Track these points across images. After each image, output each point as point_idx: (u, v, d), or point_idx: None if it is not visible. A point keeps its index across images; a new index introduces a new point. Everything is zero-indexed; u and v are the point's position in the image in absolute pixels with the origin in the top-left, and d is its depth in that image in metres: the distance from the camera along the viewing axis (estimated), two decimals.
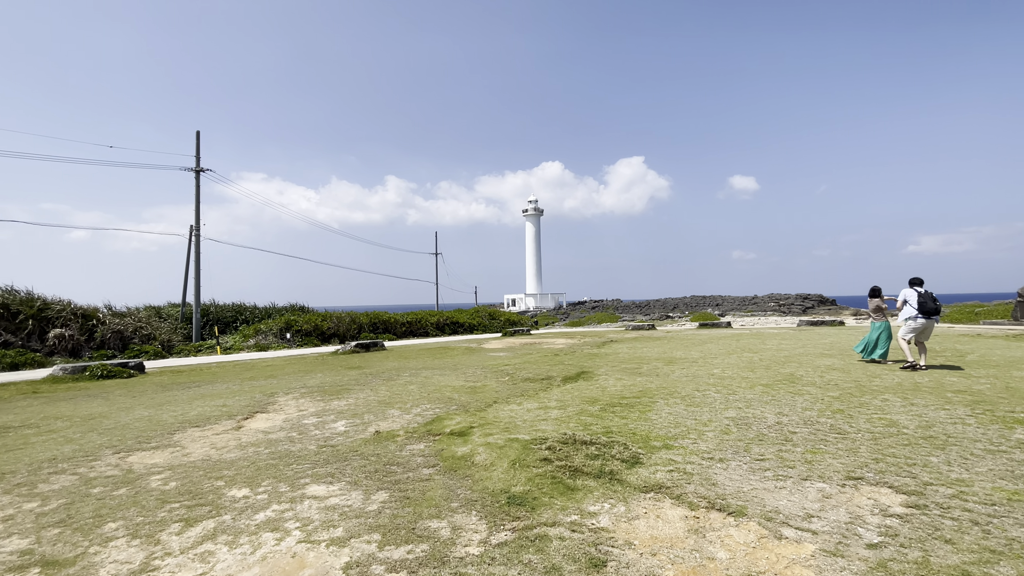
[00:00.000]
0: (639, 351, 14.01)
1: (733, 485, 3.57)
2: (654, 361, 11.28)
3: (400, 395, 8.17)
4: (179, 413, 7.31)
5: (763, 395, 6.83)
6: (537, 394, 7.66)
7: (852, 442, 4.54)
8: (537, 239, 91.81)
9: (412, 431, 5.61)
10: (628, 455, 4.15)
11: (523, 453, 4.32)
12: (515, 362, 12.42)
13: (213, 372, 13.11)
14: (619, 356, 12.66)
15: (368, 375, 10.84)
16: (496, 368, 11.26)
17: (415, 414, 6.67)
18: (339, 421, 6.45)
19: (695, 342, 16.61)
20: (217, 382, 10.87)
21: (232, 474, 4.44)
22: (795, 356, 11.37)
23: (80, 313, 18.18)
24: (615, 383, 8.24)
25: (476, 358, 14.01)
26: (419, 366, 12.36)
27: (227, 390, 9.49)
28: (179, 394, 9.20)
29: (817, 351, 12.34)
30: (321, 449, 5.11)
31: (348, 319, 25.88)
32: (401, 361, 13.80)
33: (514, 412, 6.27)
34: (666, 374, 9.14)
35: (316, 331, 24.12)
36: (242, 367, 14.09)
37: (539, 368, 10.95)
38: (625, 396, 6.95)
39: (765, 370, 9.21)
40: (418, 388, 8.82)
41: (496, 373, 10.42)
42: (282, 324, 23.40)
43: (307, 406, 7.59)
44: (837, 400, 6.38)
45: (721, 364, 10.38)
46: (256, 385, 10.05)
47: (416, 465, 4.43)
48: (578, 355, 13.62)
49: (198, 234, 23.55)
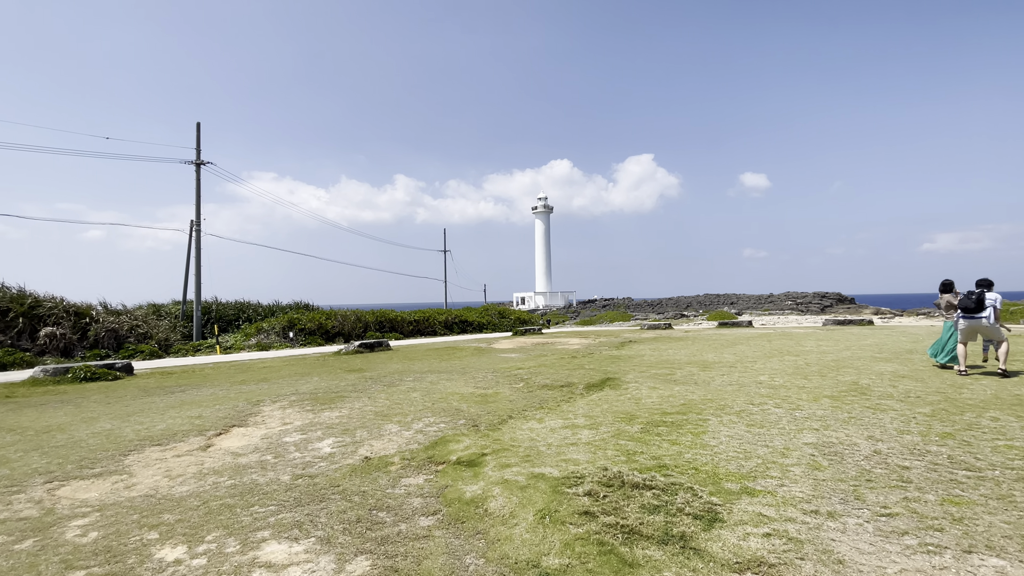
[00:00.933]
0: (665, 353, 12.84)
1: (869, 563, 2.45)
2: (686, 366, 10.12)
3: (401, 405, 7.12)
4: (145, 426, 6.32)
5: (835, 411, 5.66)
6: (559, 406, 6.56)
7: (997, 484, 3.39)
8: (547, 237, 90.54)
9: (410, 457, 4.55)
10: (700, 506, 3.03)
11: (554, 499, 3.23)
12: (529, 365, 11.33)
13: (205, 374, 12.19)
14: (644, 359, 11.51)
15: (368, 379, 9.82)
16: (508, 372, 10.17)
17: (416, 431, 5.62)
18: (326, 439, 5.41)
19: (723, 343, 15.38)
20: (205, 386, 9.92)
21: (174, 520, 3.41)
22: (845, 360, 10.13)
23: (73, 311, 17.41)
24: (649, 393, 7.10)
25: (486, 360, 12.93)
26: (424, 369, 11.31)
27: (211, 396, 8.51)
28: (157, 401, 8.24)
29: (866, 354, 11.08)
30: (295, 482, 4.06)
31: (353, 318, 24.96)
32: (406, 363, 12.77)
33: (534, 432, 5.18)
34: (706, 382, 7.98)
35: (320, 330, 23.23)
36: (237, 368, 13.16)
37: (557, 373, 9.84)
38: (667, 411, 5.81)
39: (820, 377, 8.01)
40: (421, 396, 7.77)
41: (509, 378, 9.34)
42: (285, 323, 22.53)
43: (294, 418, 6.57)
44: (933, 419, 5.19)
45: (764, 369, 9.19)
46: (245, 390, 9.07)
47: (411, 511, 3.36)
48: (597, 357, 12.49)
49: (198, 229, 22.74)
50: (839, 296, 67.55)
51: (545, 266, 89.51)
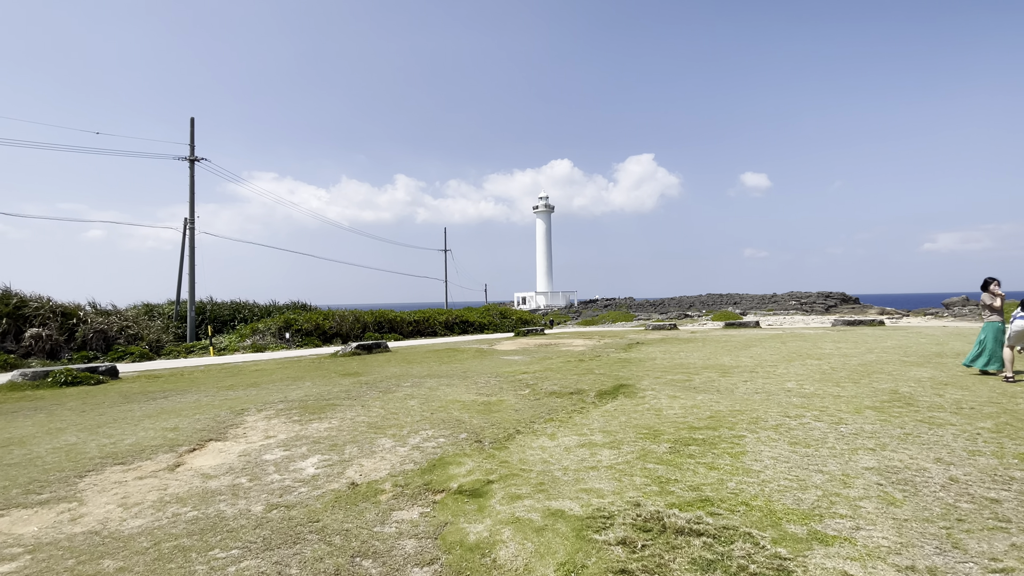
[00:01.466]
0: (676, 356, 12.21)
1: None
2: (703, 370, 9.49)
3: (396, 415, 6.51)
4: (113, 440, 5.71)
5: (885, 425, 5.03)
6: (571, 418, 5.94)
7: None
8: (548, 236, 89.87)
9: (404, 483, 3.93)
10: (766, 561, 2.41)
11: (579, 549, 2.61)
12: (534, 369, 10.71)
13: (193, 378, 11.59)
14: (656, 363, 10.88)
15: (364, 384, 9.21)
16: (513, 377, 9.56)
17: (412, 446, 5.00)
18: (311, 457, 4.80)
19: (735, 345, 14.75)
20: (190, 391, 9.32)
21: (112, 570, 2.80)
22: (873, 364, 9.50)
23: (60, 311, 16.80)
24: (670, 403, 6.48)
25: (488, 363, 12.32)
26: (424, 373, 10.70)
27: (194, 404, 7.91)
28: (135, 409, 7.64)
29: (892, 357, 10.45)
30: (268, 514, 3.45)
31: (352, 318, 24.34)
32: (404, 366, 12.16)
33: (547, 451, 4.55)
34: (729, 389, 7.35)
35: (317, 331, 22.61)
36: (227, 372, 12.56)
37: (564, 378, 9.22)
38: (695, 426, 5.18)
39: (853, 384, 7.38)
40: (420, 404, 7.16)
41: (513, 384, 8.72)
42: (281, 323, 21.91)
43: (278, 430, 5.96)
44: (1001, 435, 4.57)
45: (789, 375, 8.56)
46: (231, 397, 8.46)
47: (403, 559, 2.74)
48: (606, 361, 11.87)
49: (192, 227, 22.13)
50: (843, 296, 66.90)
51: (546, 266, 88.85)
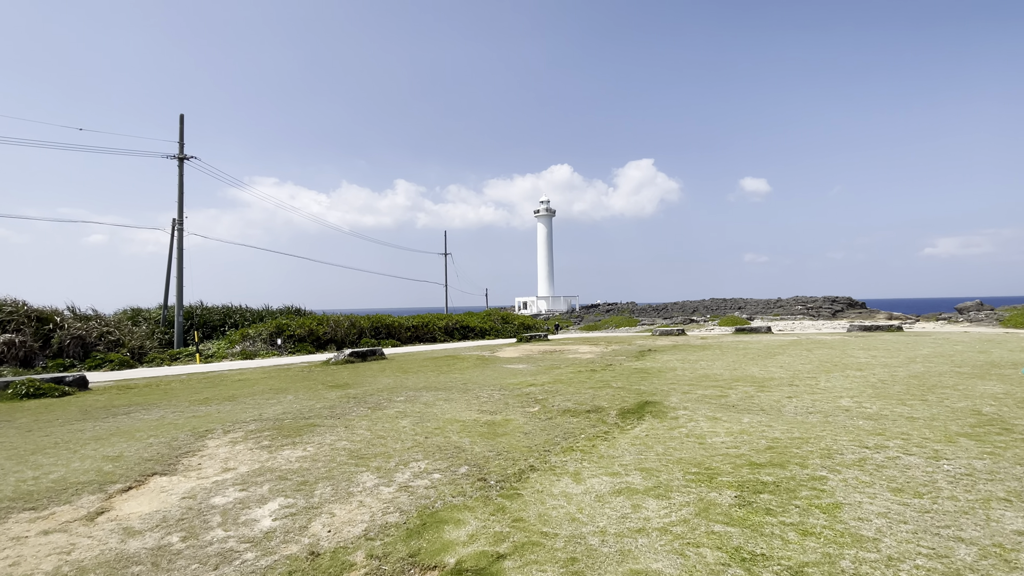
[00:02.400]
0: (697, 366, 11.18)
1: None
2: (735, 383, 8.46)
3: (384, 439, 5.49)
4: (38, 473, 4.69)
5: (997, 460, 4.00)
6: (594, 446, 4.91)
7: None
8: (549, 240, 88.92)
9: (383, 553, 2.90)
10: None
11: None
12: (542, 380, 9.69)
13: (168, 389, 10.58)
14: (677, 374, 9.85)
15: (351, 399, 8.19)
16: (519, 390, 8.53)
17: (399, 486, 3.99)
18: (271, 501, 3.78)
19: (757, 353, 13.72)
20: (159, 406, 8.30)
21: None
22: (925, 377, 8.47)
23: (35, 316, 15.81)
24: (711, 426, 5.45)
25: (491, 372, 11.30)
26: (420, 384, 9.67)
27: (156, 422, 6.89)
28: (87, 428, 6.62)
29: (941, 368, 9.42)
30: None
31: (347, 323, 23.32)
32: (399, 376, 11.13)
33: (573, 500, 3.52)
34: (774, 408, 6.33)
35: (310, 336, 21.59)
36: (207, 382, 11.54)
37: (578, 392, 8.20)
38: (755, 461, 4.14)
39: (920, 402, 6.35)
40: (413, 425, 6.14)
41: (520, 399, 7.70)
42: (272, 329, 20.90)
43: (241, 460, 4.95)
44: None
45: (835, 389, 7.54)
46: (200, 414, 7.45)
47: None
48: (620, 371, 10.84)
49: (180, 228, 21.15)
50: (849, 300, 65.83)
51: (547, 270, 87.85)
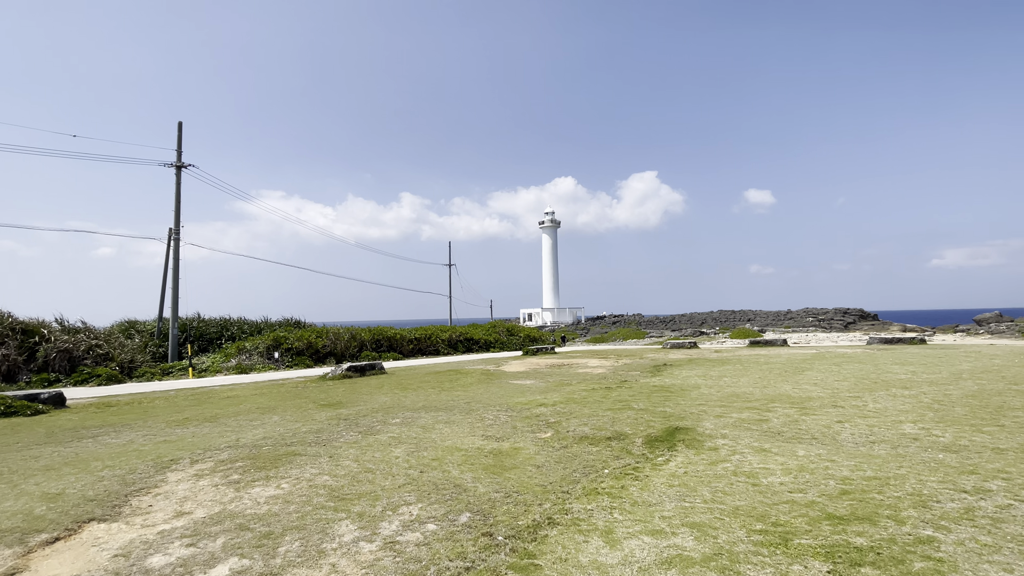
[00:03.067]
0: (721, 382, 10.31)
1: None
2: (770, 403, 7.60)
3: (373, 473, 4.70)
4: None
5: None
6: (623, 487, 4.08)
7: None
8: (554, 252, 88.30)
9: None
10: None
11: None
12: (553, 399, 8.86)
13: (149, 407, 9.83)
14: (703, 392, 9.00)
15: (342, 421, 7.40)
16: (528, 411, 7.72)
17: (383, 543, 3.19)
18: (219, 566, 2.99)
19: (781, 368, 12.83)
20: (131, 428, 7.55)
21: None
22: (982, 395, 7.58)
23: (20, 328, 15.17)
24: (761, 461, 4.60)
25: (496, 389, 10.48)
26: (419, 403, 8.86)
27: (120, 448, 6.13)
28: (43, 455, 5.86)
29: (998, 386, 8.52)
30: None
31: (347, 336, 22.58)
32: (397, 394, 10.33)
33: (609, 573, 2.70)
34: (828, 435, 5.47)
35: (309, 349, 20.85)
36: (193, 399, 10.79)
37: (594, 413, 7.37)
38: (832, 512, 3.29)
39: (996, 427, 5.47)
40: (407, 455, 5.34)
41: (530, 422, 6.88)
42: (270, 342, 20.19)
43: (201, 499, 4.16)
44: None
45: (889, 411, 6.67)
46: (172, 438, 6.68)
47: None
48: (637, 388, 10.00)
49: (177, 238, 20.59)
50: (861, 312, 64.49)
51: (553, 282, 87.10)
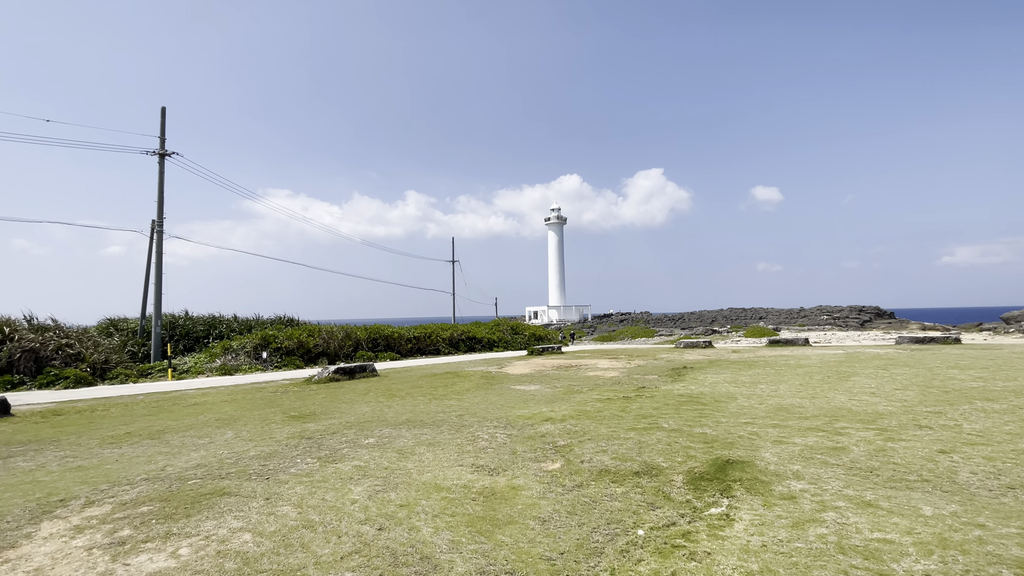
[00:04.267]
0: (756, 390, 8.89)
1: None
2: (832, 421, 6.18)
3: (313, 531, 3.35)
4: None
5: None
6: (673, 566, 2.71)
7: None
8: (560, 249, 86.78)
9: None
10: None
11: None
12: (561, 412, 7.48)
13: (97, 418, 8.56)
14: (740, 404, 7.59)
15: (304, 441, 6.07)
16: (531, 428, 6.34)
17: None
18: None
19: (821, 372, 11.37)
20: (59, 445, 6.29)
21: None
22: None
23: None
24: (875, 524, 3.20)
25: (495, 397, 9.12)
26: (403, 416, 7.52)
27: (19, 478, 4.84)
28: None
29: None
30: None
31: (341, 335, 21.32)
32: (382, 403, 8.99)
33: None
34: (943, 477, 4.05)
35: (300, 349, 19.60)
36: (151, 408, 9.52)
37: (614, 434, 5.98)
38: None
39: None
40: (367, 499, 3.98)
41: (533, 445, 5.51)
42: (258, 341, 18.95)
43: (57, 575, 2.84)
44: None
45: (997, 435, 5.24)
46: (92, 463, 5.38)
47: None
48: (660, 397, 8.59)
49: (160, 230, 19.36)
50: (877, 310, 62.49)
51: (559, 279, 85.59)
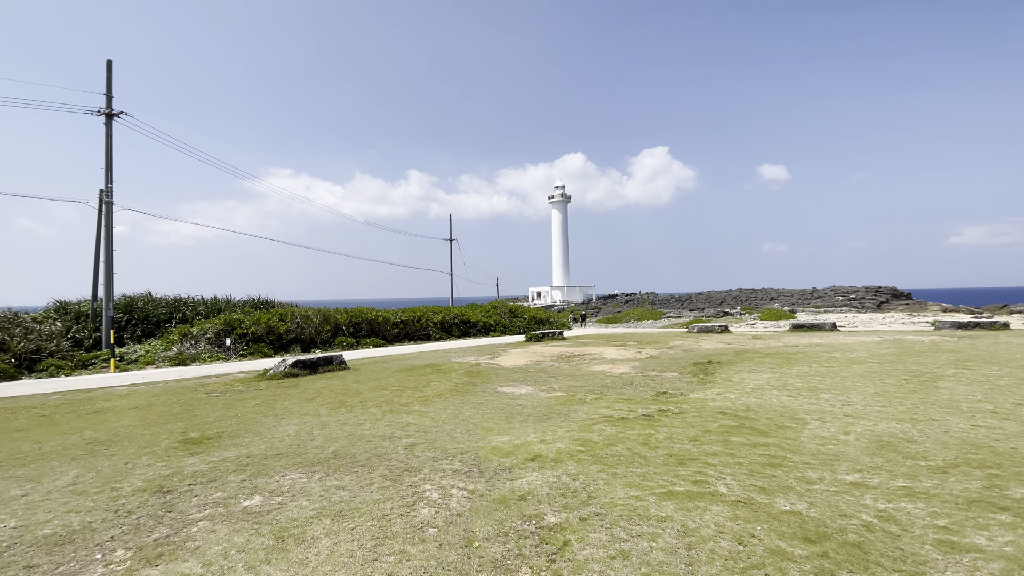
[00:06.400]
0: (826, 404, 6.67)
1: None
2: (996, 476, 3.98)
3: None
4: None
5: None
6: None
7: None
8: (564, 227, 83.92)
9: None
10: None
11: None
12: (556, 445, 5.28)
13: None
14: (813, 431, 5.38)
15: (149, 504, 3.91)
16: (508, 480, 4.14)
17: None
18: None
19: (887, 371, 9.14)
20: None
21: None
22: None
23: None
24: None
25: (469, 410, 6.93)
26: (329, 447, 5.34)
27: None
28: None
29: None
30: None
31: (319, 318, 19.16)
32: (320, 417, 6.82)
33: None
34: None
35: (270, 335, 17.48)
36: (40, 416, 7.40)
37: (638, 508, 3.78)
38: None
39: None
40: None
41: (503, 521, 3.32)
42: (220, 326, 16.82)
43: None
44: None
45: None
46: None
47: None
48: (694, 420, 6.39)
49: (109, 200, 17.07)
50: (894, 291, 59.82)
51: (563, 258, 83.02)
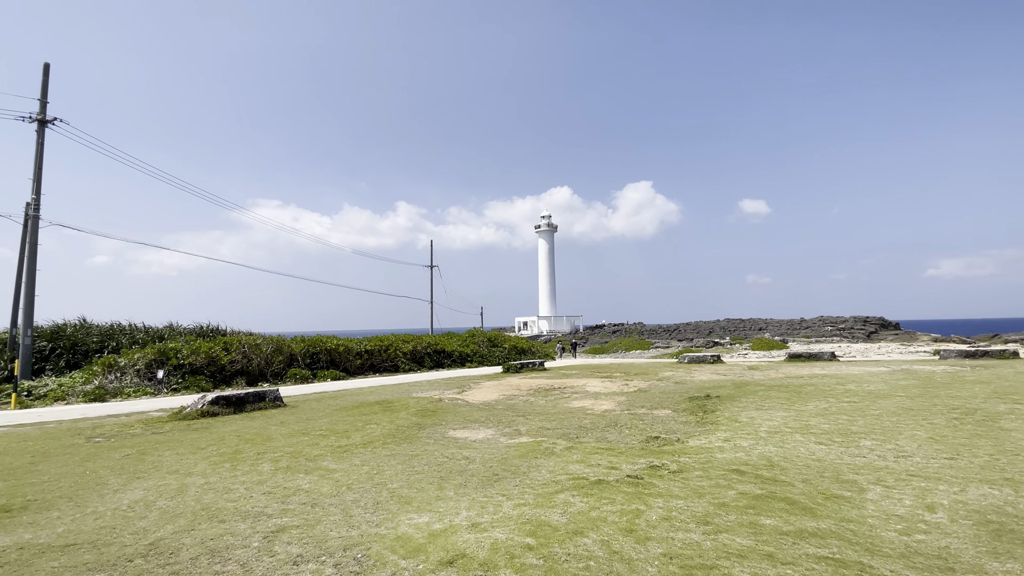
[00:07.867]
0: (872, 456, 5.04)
1: None
2: None
3: None
4: None
5: None
6: None
7: None
8: (551, 257, 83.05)
9: None
10: None
11: None
12: (495, 534, 3.55)
13: None
14: (878, 505, 3.74)
15: None
16: None
17: None
18: None
19: (925, 409, 7.59)
20: None
21: None
22: None
23: None
24: None
25: (396, 468, 5.15)
26: (160, 531, 3.52)
27: None
28: None
29: None
30: None
31: (270, 348, 17.20)
32: (192, 478, 4.98)
33: None
34: None
35: (211, 366, 15.47)
36: None
37: None
38: None
39: None
40: None
41: None
42: (152, 356, 14.81)
43: None
44: None
45: None
46: None
47: None
48: (699, 483, 4.72)
49: (35, 215, 15.27)
50: (882, 321, 59.06)
51: (549, 288, 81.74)
